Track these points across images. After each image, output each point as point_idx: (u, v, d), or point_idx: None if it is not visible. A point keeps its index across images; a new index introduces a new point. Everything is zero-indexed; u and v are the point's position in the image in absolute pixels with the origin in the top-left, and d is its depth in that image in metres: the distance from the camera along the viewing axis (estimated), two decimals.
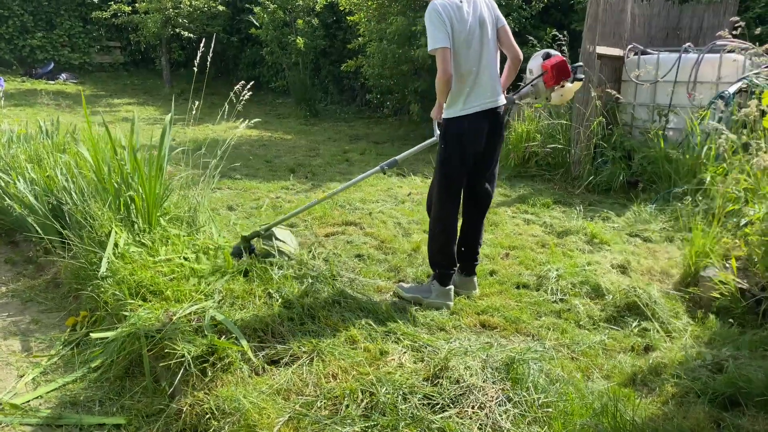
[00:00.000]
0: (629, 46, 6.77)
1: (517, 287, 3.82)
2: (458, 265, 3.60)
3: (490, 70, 3.28)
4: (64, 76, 15.39)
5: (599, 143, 6.30)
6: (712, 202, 5.04)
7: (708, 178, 5.26)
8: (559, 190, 6.28)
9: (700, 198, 5.21)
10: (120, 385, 2.75)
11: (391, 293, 3.60)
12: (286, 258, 3.54)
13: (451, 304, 3.46)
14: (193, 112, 4.51)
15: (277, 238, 3.63)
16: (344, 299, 3.23)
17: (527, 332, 3.24)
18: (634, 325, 3.32)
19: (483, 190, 3.52)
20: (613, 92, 6.32)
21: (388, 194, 6.03)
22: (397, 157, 3.57)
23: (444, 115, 3.30)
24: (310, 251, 3.79)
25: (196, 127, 9.79)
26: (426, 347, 2.77)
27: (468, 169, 3.38)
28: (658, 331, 3.26)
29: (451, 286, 3.49)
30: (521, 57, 3.40)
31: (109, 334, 2.75)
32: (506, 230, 4.95)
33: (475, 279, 3.68)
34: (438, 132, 3.43)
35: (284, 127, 10.74)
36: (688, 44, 6.36)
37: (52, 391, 2.71)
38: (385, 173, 3.50)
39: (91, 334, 2.81)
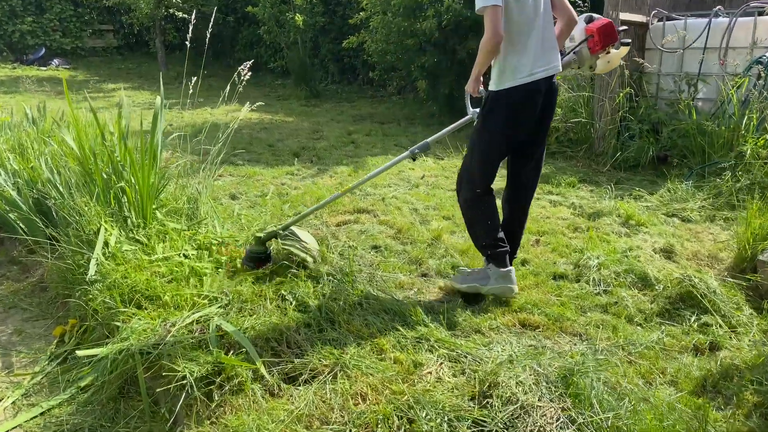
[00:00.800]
0: (653, 12, 6.31)
1: (555, 278, 3.44)
2: None
3: (547, 32, 2.85)
4: (56, 61, 14.88)
5: (625, 116, 5.87)
6: (755, 177, 4.65)
7: (748, 151, 4.86)
8: (583, 168, 5.87)
9: (741, 172, 4.81)
10: (113, 408, 2.38)
11: (415, 290, 3.21)
12: (311, 260, 3.14)
13: (515, 287, 3.08)
14: (191, 91, 4.10)
15: (298, 238, 3.22)
16: (366, 300, 2.85)
17: (573, 331, 2.86)
18: (692, 319, 2.94)
19: (530, 173, 3.12)
20: (641, 60, 5.88)
21: (400, 177, 5.64)
22: (428, 140, 3.14)
23: (492, 87, 2.88)
24: (327, 245, 3.39)
25: (194, 111, 9.36)
26: (465, 356, 2.39)
27: (512, 151, 2.98)
28: (720, 325, 2.88)
29: (511, 267, 3.10)
30: (576, 19, 2.98)
31: (98, 351, 2.37)
32: (532, 213, 4.54)
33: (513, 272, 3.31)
34: (471, 109, 3.01)
35: (285, 108, 10.29)
36: (718, 8, 5.90)
37: (34, 418, 2.34)
38: (415, 159, 3.09)
39: (77, 352, 2.43)
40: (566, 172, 5.69)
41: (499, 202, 3.19)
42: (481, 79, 2.87)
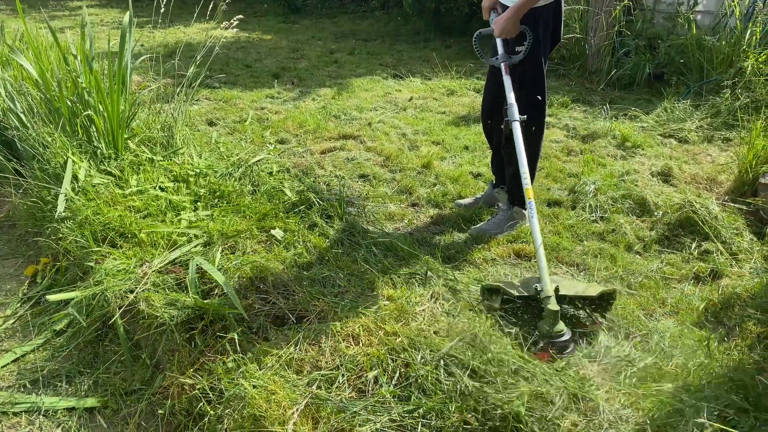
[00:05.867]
0: None
1: (549, 205, 3.31)
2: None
3: None
4: None
5: (621, 31, 5.59)
6: (757, 94, 4.48)
7: (749, 67, 4.66)
8: (576, 87, 5.64)
9: (741, 90, 4.63)
10: (92, 352, 2.26)
11: (406, 221, 3.08)
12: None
13: None
14: (162, 10, 3.77)
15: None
16: (355, 233, 2.70)
17: (570, 261, 2.76)
18: (692, 246, 2.85)
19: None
20: None
21: (387, 100, 5.38)
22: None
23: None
24: (311, 175, 3.21)
25: (166, 30, 8.85)
26: (461, 292, 2.28)
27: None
28: (721, 252, 2.79)
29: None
30: None
31: (70, 295, 2.23)
32: None
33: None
34: (501, 53, 2.71)
35: (262, 26, 9.78)
36: None
37: (8, 364, 2.21)
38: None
39: (48, 296, 2.27)
40: (558, 91, 5.46)
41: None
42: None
